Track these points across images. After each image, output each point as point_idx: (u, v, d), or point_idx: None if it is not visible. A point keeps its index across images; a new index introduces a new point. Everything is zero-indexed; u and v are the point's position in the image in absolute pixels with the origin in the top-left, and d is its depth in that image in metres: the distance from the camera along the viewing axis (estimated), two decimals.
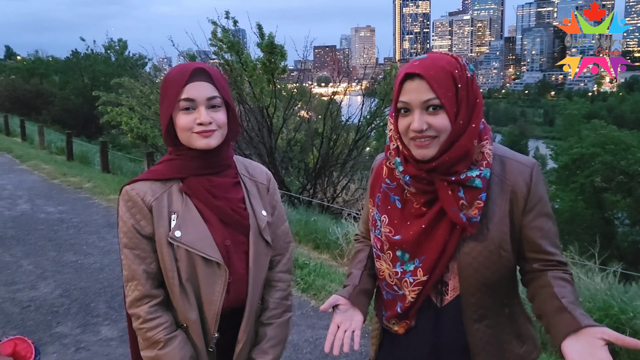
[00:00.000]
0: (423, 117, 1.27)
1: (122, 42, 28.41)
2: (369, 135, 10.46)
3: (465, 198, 1.29)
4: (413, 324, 1.42)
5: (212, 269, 1.49)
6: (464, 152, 1.28)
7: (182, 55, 11.41)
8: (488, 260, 1.31)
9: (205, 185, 1.52)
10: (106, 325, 4.02)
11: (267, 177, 1.70)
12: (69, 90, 25.67)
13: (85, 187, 9.62)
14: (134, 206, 1.50)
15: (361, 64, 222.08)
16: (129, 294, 1.51)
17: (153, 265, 1.51)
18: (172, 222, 1.48)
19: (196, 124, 1.46)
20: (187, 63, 1.53)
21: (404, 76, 1.30)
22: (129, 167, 13.37)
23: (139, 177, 1.56)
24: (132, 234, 1.49)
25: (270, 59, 8.87)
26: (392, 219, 1.41)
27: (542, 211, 1.35)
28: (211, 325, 1.53)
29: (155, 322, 1.48)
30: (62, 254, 5.76)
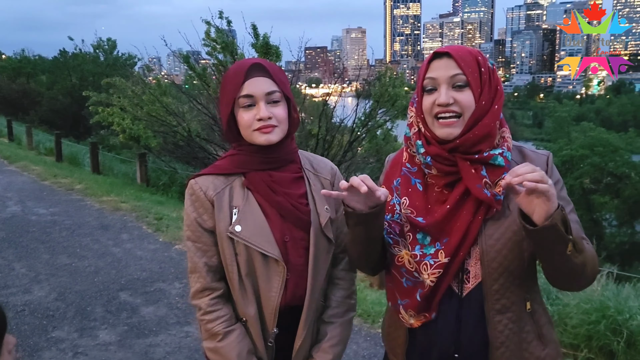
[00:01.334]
0: (449, 92, 1.32)
1: (111, 42, 28.15)
2: (363, 136, 10.44)
3: (489, 177, 1.32)
4: (433, 317, 1.40)
5: (270, 265, 1.50)
6: (487, 131, 1.32)
7: (174, 55, 11.34)
8: (511, 242, 1.32)
9: (266, 179, 1.53)
10: (104, 329, 3.98)
11: (332, 172, 1.68)
12: (57, 90, 25.38)
13: (76, 188, 9.52)
14: (197, 200, 1.53)
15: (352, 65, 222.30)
16: (192, 285, 1.55)
17: (214, 259, 1.53)
18: (234, 216, 1.50)
19: (256, 119, 1.47)
20: (244, 59, 1.56)
21: (432, 55, 1.36)
22: (120, 168, 13.26)
23: (203, 171, 1.58)
24: (194, 227, 1.53)
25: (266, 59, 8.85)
26: (413, 200, 1.41)
27: (561, 195, 1.35)
28: (269, 320, 1.54)
29: (215, 314, 1.51)
30: (56, 257, 5.70)
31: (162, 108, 10.33)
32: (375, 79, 11.64)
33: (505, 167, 1.33)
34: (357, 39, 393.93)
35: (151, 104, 10.36)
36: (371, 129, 10.56)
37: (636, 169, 24.05)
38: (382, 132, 10.99)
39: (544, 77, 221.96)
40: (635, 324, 3.59)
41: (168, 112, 10.37)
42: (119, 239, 6.45)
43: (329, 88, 11.95)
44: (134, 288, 4.84)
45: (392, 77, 10.37)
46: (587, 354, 3.55)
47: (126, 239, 6.43)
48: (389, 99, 10.12)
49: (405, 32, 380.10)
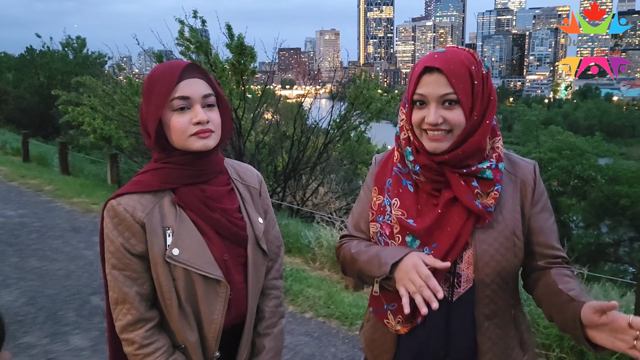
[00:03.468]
0: (439, 111, 1.29)
1: (81, 40, 27.52)
2: (337, 138, 10.48)
3: (480, 188, 1.33)
4: (420, 322, 1.38)
5: (213, 287, 1.40)
6: (477, 147, 1.31)
7: (146, 53, 11.17)
8: (504, 247, 1.33)
9: (199, 195, 1.41)
10: (76, 334, 3.88)
11: (259, 180, 1.61)
12: (24, 89, 24.65)
13: (46, 189, 9.29)
14: (121, 223, 1.36)
15: (326, 67, 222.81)
16: (119, 319, 1.39)
17: (146, 286, 1.39)
18: (168, 238, 1.36)
19: (192, 123, 1.34)
20: (175, 60, 1.42)
21: (423, 69, 1.30)
22: (90, 169, 12.97)
23: (124, 189, 1.41)
24: (121, 254, 1.36)
25: (240, 60, 8.77)
26: (404, 201, 1.39)
27: (546, 205, 1.41)
28: (212, 344, 1.44)
29: (152, 347, 1.38)
30: (25, 260, 5.54)
31: (134, 108, 10.17)
32: (350, 81, 11.69)
33: (495, 179, 1.34)
34: (330, 40, 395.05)
35: (123, 104, 10.18)
36: (345, 130, 10.61)
37: (602, 172, 24.72)
38: (356, 134, 11.05)
39: (513, 82, 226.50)
40: None
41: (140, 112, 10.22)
42: (91, 241, 6.31)
43: (303, 89, 11.92)
44: None
45: (367, 80, 10.44)
46: (559, 353, 3.63)
47: (98, 242, 6.27)
48: (364, 101, 10.18)
49: (379, 35, 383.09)
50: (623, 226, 23.64)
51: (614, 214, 23.37)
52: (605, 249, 23.44)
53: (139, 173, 1.46)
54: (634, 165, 25.99)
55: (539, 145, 29.62)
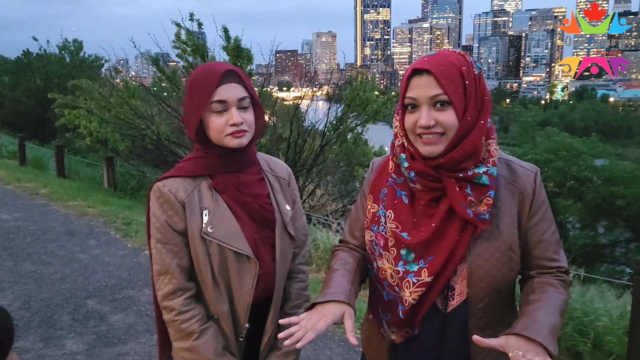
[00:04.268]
0: (431, 113, 1.26)
1: (78, 43, 27.43)
2: (334, 140, 10.47)
3: (473, 195, 1.29)
4: (416, 332, 1.38)
5: (243, 263, 1.56)
6: (472, 149, 1.27)
7: (143, 56, 11.15)
8: (499, 262, 1.31)
9: (234, 182, 1.58)
10: (71, 338, 3.86)
11: (288, 172, 1.77)
12: (20, 92, 24.55)
13: (41, 193, 9.25)
14: (166, 202, 1.54)
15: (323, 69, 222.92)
16: (161, 288, 1.56)
17: (185, 260, 1.56)
18: (205, 217, 1.53)
19: (228, 124, 1.50)
20: (213, 64, 1.56)
21: (411, 72, 1.29)
22: (86, 172, 12.93)
23: (168, 173, 1.60)
24: (165, 229, 1.54)
25: (237, 62, 8.76)
26: (398, 214, 1.37)
27: (546, 215, 1.37)
28: (242, 316, 1.60)
29: (189, 313, 1.54)
30: (20, 264, 5.51)
31: (130, 111, 10.15)
32: (346, 83, 11.69)
33: (490, 185, 1.30)
34: (327, 42, 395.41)
35: (119, 107, 10.16)
36: (342, 132, 10.60)
37: (598, 173, 24.74)
38: (353, 135, 11.05)
39: (510, 83, 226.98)
40: (601, 325, 3.70)
41: (136, 115, 10.20)
42: (86, 244, 6.29)
43: (300, 91, 11.92)
44: (102, 295, 4.72)
45: (363, 82, 10.44)
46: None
47: (93, 245, 6.27)
48: (360, 103, 10.18)
49: (376, 37, 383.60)
50: (619, 227, 23.67)
51: (610, 214, 23.40)
52: (602, 250, 23.47)
53: (182, 161, 1.65)
54: (630, 166, 26.03)
55: (535, 146, 29.66)
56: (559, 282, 1.34)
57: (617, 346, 3.54)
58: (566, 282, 1.36)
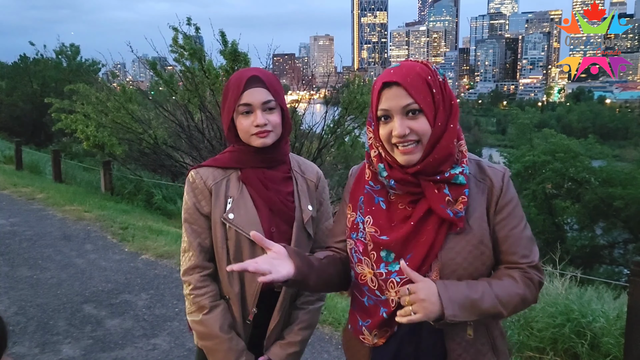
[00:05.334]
0: (404, 122, 1.33)
1: (75, 47, 27.43)
2: (331, 143, 10.48)
3: (451, 195, 1.36)
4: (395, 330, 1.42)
5: (256, 252, 1.63)
6: (447, 152, 1.35)
7: (140, 61, 11.15)
8: (471, 255, 1.35)
9: (260, 176, 1.72)
10: (67, 343, 3.84)
11: (318, 176, 1.88)
12: (17, 97, 24.53)
13: (37, 197, 9.23)
14: (196, 188, 1.72)
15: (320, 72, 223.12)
16: (184, 263, 1.73)
17: (207, 241, 1.72)
18: (228, 205, 1.69)
19: (253, 125, 1.65)
20: (244, 70, 1.73)
21: (381, 85, 1.35)
22: (83, 176, 12.92)
23: (205, 162, 1.78)
24: (192, 211, 1.72)
25: (234, 66, 8.78)
26: (377, 219, 1.43)
27: (514, 212, 1.41)
28: (250, 300, 1.72)
29: (204, 289, 1.69)
30: (16, 269, 5.49)
31: (127, 115, 10.14)
32: (344, 85, 11.71)
33: (466, 185, 1.37)
34: (324, 46, 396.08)
35: (116, 111, 10.16)
36: (339, 135, 10.61)
37: (596, 175, 24.76)
38: (350, 138, 11.05)
39: (507, 85, 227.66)
40: (599, 326, 3.69)
41: (134, 119, 10.19)
42: (83, 249, 6.27)
43: (297, 95, 11.94)
44: (99, 300, 4.70)
45: (361, 85, 10.46)
46: (553, 357, 3.62)
47: (90, 250, 6.26)
48: (357, 106, 10.19)
49: (373, 40, 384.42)
50: (617, 228, 23.71)
51: (608, 215, 23.45)
52: (600, 251, 23.50)
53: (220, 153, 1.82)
54: (628, 167, 26.11)
55: (532, 148, 29.70)
56: (522, 277, 1.37)
57: (614, 347, 3.53)
58: (532, 280, 1.38)
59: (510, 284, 1.35)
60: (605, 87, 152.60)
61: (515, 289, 1.34)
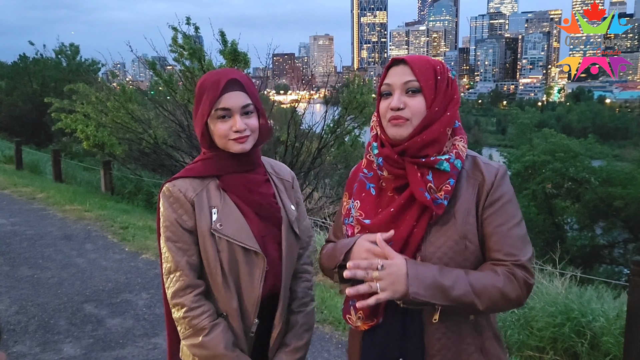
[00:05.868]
0: (402, 98, 1.39)
1: (74, 47, 27.42)
2: (331, 143, 10.48)
3: (434, 182, 1.36)
4: (380, 321, 1.43)
5: (251, 258, 1.61)
6: (435, 136, 1.37)
7: (139, 60, 11.15)
8: (452, 250, 1.34)
9: (242, 181, 1.65)
10: (68, 342, 3.85)
11: (291, 175, 1.84)
12: (17, 96, 24.52)
13: (38, 197, 9.24)
14: (175, 202, 1.61)
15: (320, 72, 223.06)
16: (171, 285, 1.59)
17: (194, 257, 1.61)
18: (213, 215, 1.59)
19: (232, 130, 1.57)
20: (219, 72, 1.63)
21: (391, 62, 1.44)
22: (83, 176, 12.93)
23: (178, 174, 1.67)
24: (174, 227, 1.60)
25: (234, 66, 8.77)
26: (364, 204, 1.47)
27: (504, 209, 1.37)
28: (251, 312, 1.64)
29: (199, 310, 1.58)
30: (16, 269, 5.49)
31: (127, 115, 10.14)
32: (344, 85, 11.71)
33: (450, 173, 1.37)
34: (324, 46, 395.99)
35: (116, 111, 10.15)
36: (339, 135, 10.62)
37: (596, 174, 24.74)
38: (350, 138, 11.06)
39: (506, 85, 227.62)
40: (598, 326, 3.70)
41: (133, 119, 10.19)
42: (83, 249, 6.27)
43: (297, 95, 11.94)
44: (99, 299, 4.71)
45: (360, 84, 10.46)
46: (553, 356, 3.63)
47: (90, 249, 6.26)
48: (357, 105, 10.19)
49: (372, 40, 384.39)
50: (617, 228, 23.71)
51: (607, 215, 23.45)
52: (600, 251, 23.50)
53: (190, 163, 1.72)
54: (627, 167, 26.08)
55: (532, 147, 29.64)
56: (504, 272, 1.32)
57: (614, 346, 3.54)
58: (515, 277, 1.32)
59: (489, 276, 1.31)
60: (605, 87, 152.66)
61: (493, 281, 1.30)
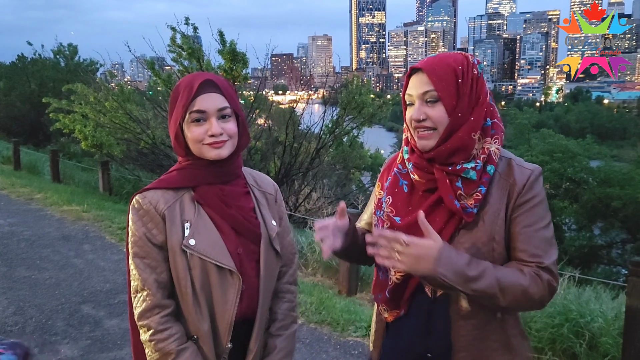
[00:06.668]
0: (422, 108, 1.37)
1: (73, 47, 27.39)
2: (330, 143, 10.48)
3: (463, 189, 1.36)
4: (402, 313, 1.47)
5: (226, 277, 1.49)
6: (460, 143, 1.35)
7: (138, 60, 11.14)
8: (480, 252, 1.34)
9: (218, 193, 1.53)
10: (65, 344, 3.84)
11: (275, 188, 1.73)
12: (15, 96, 24.47)
13: (36, 198, 9.21)
14: (145, 214, 1.49)
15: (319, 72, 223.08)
16: (138, 305, 1.49)
17: (164, 275, 1.50)
18: (186, 230, 1.48)
19: (207, 135, 1.47)
20: (195, 74, 1.54)
21: (410, 71, 1.42)
22: (81, 176, 12.90)
23: (149, 185, 1.55)
24: (142, 242, 1.48)
25: (232, 66, 8.77)
26: (395, 200, 1.48)
27: (533, 211, 1.37)
28: (223, 335, 1.52)
29: (166, 332, 1.46)
30: (14, 270, 5.48)
31: (125, 115, 10.13)
32: (342, 86, 11.70)
33: (480, 181, 1.35)
34: (323, 46, 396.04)
35: (114, 111, 10.14)
36: (338, 136, 10.62)
37: (594, 175, 24.76)
38: (349, 139, 11.05)
39: (505, 85, 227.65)
40: (597, 326, 3.70)
41: (132, 119, 10.18)
42: (81, 249, 6.26)
43: (295, 95, 11.93)
44: (97, 300, 4.70)
45: (359, 85, 10.46)
46: (552, 356, 3.62)
47: (88, 250, 6.25)
48: (356, 106, 10.20)
49: (371, 40, 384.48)
50: (615, 228, 23.71)
51: (606, 216, 23.45)
52: (598, 251, 23.50)
53: (165, 173, 1.61)
54: (625, 168, 26.10)
55: (531, 148, 29.66)
56: (531, 273, 1.33)
57: (612, 347, 3.54)
58: (540, 277, 1.33)
59: (515, 274, 1.32)
60: (603, 87, 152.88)
61: (518, 279, 1.31)
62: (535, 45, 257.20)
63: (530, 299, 1.32)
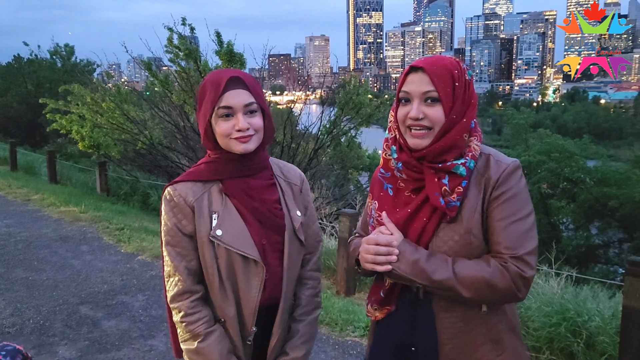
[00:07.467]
0: (421, 107, 1.40)
1: (69, 48, 27.31)
2: (328, 144, 10.48)
3: (449, 185, 1.40)
4: (393, 309, 1.52)
5: (250, 267, 1.58)
6: (453, 143, 1.40)
7: (135, 61, 11.12)
8: (458, 245, 1.39)
9: (243, 187, 1.61)
10: (63, 345, 3.83)
11: (301, 179, 1.78)
12: (11, 97, 24.39)
13: (33, 199, 9.19)
14: (176, 206, 1.58)
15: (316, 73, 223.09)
16: (170, 289, 1.60)
17: (193, 263, 1.59)
18: (213, 221, 1.56)
19: (235, 130, 1.54)
20: (222, 70, 1.60)
21: (409, 69, 1.44)
22: (78, 177, 12.87)
23: (179, 178, 1.64)
24: (173, 232, 1.58)
25: (229, 67, 8.77)
26: (382, 204, 1.52)
27: (506, 204, 1.38)
28: (248, 320, 1.61)
29: (196, 316, 1.57)
30: (11, 271, 5.47)
31: (122, 115, 10.11)
32: (340, 86, 11.71)
33: (465, 177, 1.40)
34: (320, 46, 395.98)
35: (111, 112, 10.12)
36: (335, 136, 10.62)
37: (591, 175, 24.83)
38: (346, 139, 11.06)
39: (502, 85, 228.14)
40: (594, 325, 3.71)
41: (129, 120, 10.17)
42: (79, 250, 6.25)
43: (293, 95, 11.94)
44: (95, 301, 4.69)
45: (357, 85, 10.47)
46: (549, 356, 3.63)
47: (86, 251, 6.24)
48: (354, 106, 10.20)
49: (368, 41, 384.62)
50: (612, 228, 23.78)
51: (603, 215, 23.52)
52: (595, 251, 23.55)
53: (193, 165, 1.69)
54: (622, 167, 26.19)
55: (528, 148, 29.74)
56: (496, 263, 1.34)
57: (609, 346, 3.55)
58: (508, 269, 1.33)
59: (478, 266, 1.35)
60: (599, 88, 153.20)
61: (480, 271, 1.33)
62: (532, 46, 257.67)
63: (494, 289, 1.34)
